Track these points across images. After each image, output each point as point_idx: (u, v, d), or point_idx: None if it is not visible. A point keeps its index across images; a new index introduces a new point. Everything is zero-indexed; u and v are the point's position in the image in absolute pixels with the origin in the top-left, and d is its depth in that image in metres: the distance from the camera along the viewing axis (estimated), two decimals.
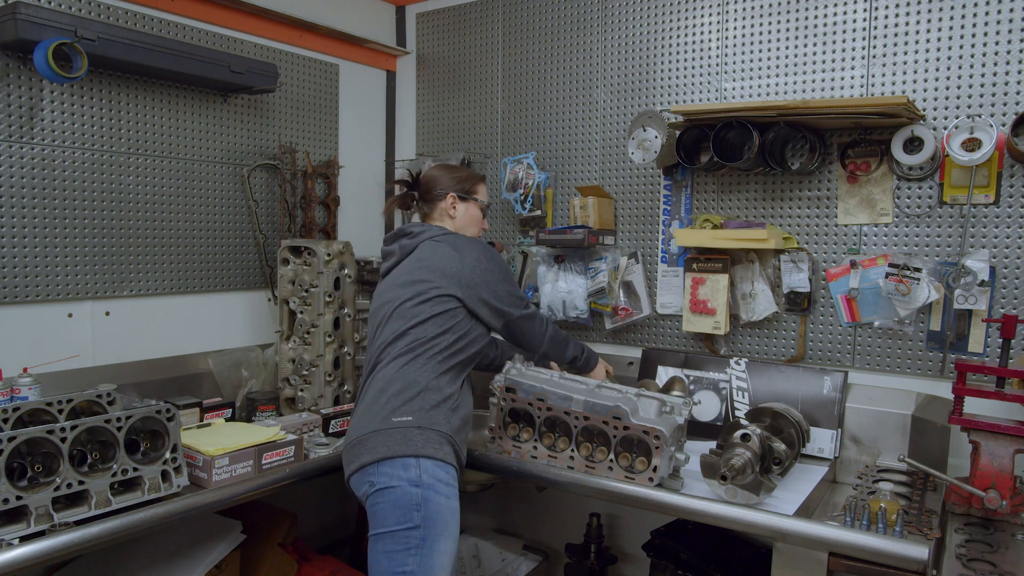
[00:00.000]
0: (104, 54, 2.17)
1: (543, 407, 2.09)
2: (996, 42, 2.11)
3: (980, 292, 2.10)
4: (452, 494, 1.90)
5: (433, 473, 1.87)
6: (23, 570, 1.51)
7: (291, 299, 2.66)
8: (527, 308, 2.19)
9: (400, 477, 1.85)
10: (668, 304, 2.69)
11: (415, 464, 1.86)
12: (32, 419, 1.82)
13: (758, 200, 2.51)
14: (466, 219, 2.26)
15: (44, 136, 2.25)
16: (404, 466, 1.86)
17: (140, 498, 1.78)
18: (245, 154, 2.82)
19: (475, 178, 2.29)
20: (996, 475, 1.77)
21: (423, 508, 1.83)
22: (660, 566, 2.41)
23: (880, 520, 1.70)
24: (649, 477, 1.92)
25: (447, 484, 1.89)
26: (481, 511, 3.18)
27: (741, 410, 2.39)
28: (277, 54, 2.89)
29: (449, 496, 1.88)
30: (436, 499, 1.84)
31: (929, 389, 2.23)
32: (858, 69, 2.32)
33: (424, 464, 1.86)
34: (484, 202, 2.30)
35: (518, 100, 3.05)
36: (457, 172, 2.28)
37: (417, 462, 1.86)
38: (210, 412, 2.37)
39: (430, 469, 1.87)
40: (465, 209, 2.25)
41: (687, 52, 2.62)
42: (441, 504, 1.85)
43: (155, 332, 2.56)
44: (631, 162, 2.69)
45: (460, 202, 2.24)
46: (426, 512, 1.83)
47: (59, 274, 2.29)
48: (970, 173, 2.09)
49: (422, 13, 3.32)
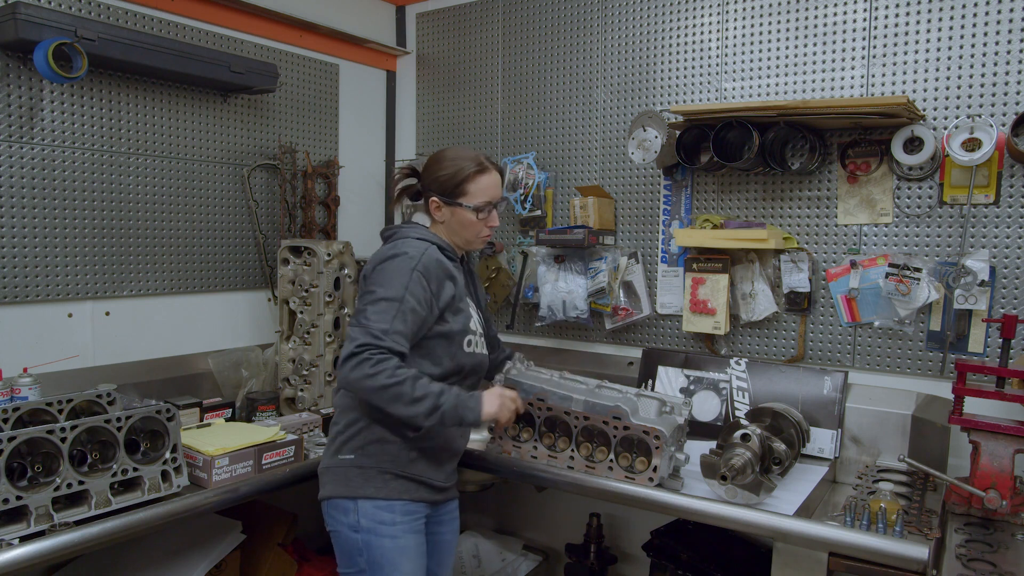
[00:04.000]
0: (104, 54, 2.17)
1: (543, 407, 2.09)
2: (996, 42, 2.11)
3: (980, 292, 2.10)
4: (400, 532, 1.81)
5: (373, 516, 1.80)
6: (23, 570, 1.51)
7: (291, 299, 2.66)
8: (361, 341, 1.70)
9: (341, 521, 1.83)
10: (668, 304, 2.69)
11: (353, 508, 1.81)
12: (32, 419, 1.82)
13: (758, 200, 2.51)
14: (455, 224, 1.94)
15: (44, 136, 2.25)
16: (344, 510, 1.82)
17: (140, 498, 1.78)
18: (245, 154, 2.82)
19: (465, 176, 1.91)
20: (996, 475, 1.77)
21: (365, 553, 1.80)
22: (660, 566, 2.42)
23: (880, 520, 1.70)
24: (649, 477, 1.92)
25: (391, 524, 1.81)
26: (481, 511, 3.18)
27: (741, 410, 2.39)
28: (277, 54, 2.89)
29: (396, 535, 1.81)
30: (378, 543, 1.79)
31: (929, 389, 2.23)
32: (858, 69, 2.32)
33: (363, 507, 1.80)
34: (473, 205, 1.91)
35: (518, 100, 3.05)
36: (445, 168, 1.92)
37: (355, 505, 1.81)
38: (210, 412, 2.37)
39: (369, 512, 1.80)
40: (451, 214, 1.93)
41: (687, 52, 2.62)
42: (385, 546, 1.79)
43: (155, 332, 2.56)
44: (631, 162, 2.68)
45: (444, 207, 1.93)
46: (369, 557, 1.80)
47: (59, 274, 2.29)
48: (970, 173, 2.09)
49: (422, 13, 3.32)
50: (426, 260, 1.82)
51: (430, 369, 1.86)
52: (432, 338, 1.86)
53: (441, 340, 1.88)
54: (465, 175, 1.91)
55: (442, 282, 1.85)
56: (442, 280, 1.85)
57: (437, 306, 1.84)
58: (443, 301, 1.85)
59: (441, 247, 1.92)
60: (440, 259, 1.87)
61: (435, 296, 1.83)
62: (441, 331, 1.87)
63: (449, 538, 2.08)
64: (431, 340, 1.86)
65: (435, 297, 1.83)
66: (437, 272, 1.84)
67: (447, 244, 1.95)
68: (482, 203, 1.93)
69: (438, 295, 1.84)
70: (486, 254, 3.06)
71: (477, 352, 1.98)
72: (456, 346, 1.90)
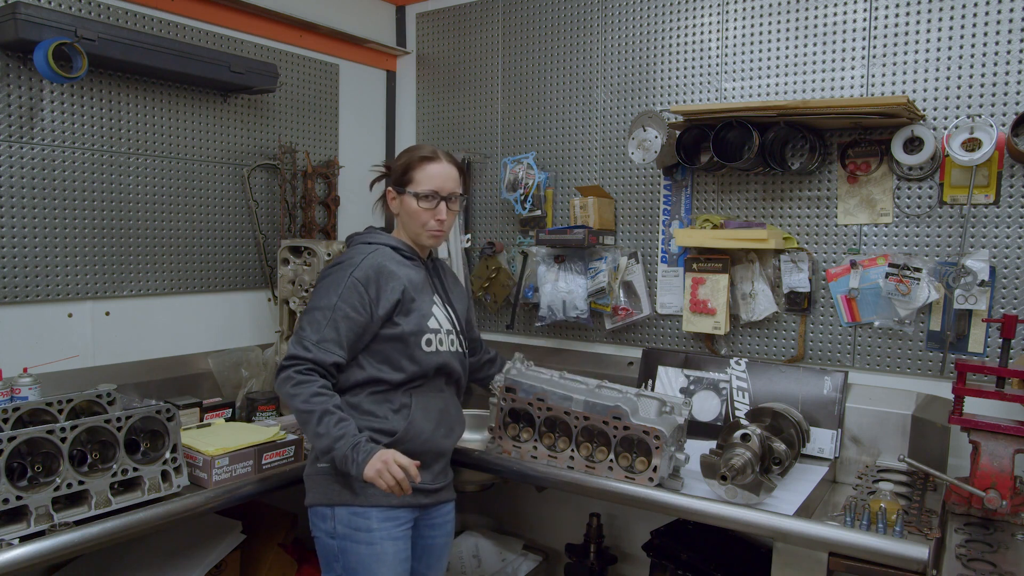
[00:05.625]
0: (104, 54, 2.17)
1: (543, 407, 2.09)
2: (996, 42, 2.11)
3: (980, 292, 2.10)
4: (377, 538, 1.82)
5: (349, 523, 1.82)
6: (23, 570, 1.51)
7: (291, 299, 2.66)
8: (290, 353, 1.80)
9: (320, 528, 1.85)
10: (668, 304, 2.69)
11: (331, 515, 1.84)
12: (32, 419, 1.82)
13: (758, 200, 2.51)
14: (404, 216, 1.96)
15: (44, 136, 2.25)
16: (322, 517, 1.85)
17: (140, 498, 1.78)
18: (245, 154, 2.82)
19: (411, 163, 1.92)
20: (996, 475, 1.77)
21: (341, 559, 1.82)
22: (660, 566, 2.42)
23: (880, 520, 1.70)
24: (649, 477, 1.92)
25: (367, 531, 1.82)
26: (481, 511, 3.18)
27: (741, 410, 2.39)
28: (277, 54, 2.89)
29: (372, 542, 1.81)
30: (355, 549, 1.81)
31: (929, 389, 2.23)
32: (858, 69, 2.32)
33: (339, 514, 1.83)
34: (416, 192, 1.90)
35: (518, 100, 3.05)
36: (400, 158, 1.98)
37: (332, 512, 1.83)
38: (210, 412, 2.37)
39: (345, 519, 1.82)
40: (401, 204, 1.95)
41: (687, 52, 2.62)
42: (362, 553, 1.81)
43: (155, 332, 2.56)
44: (631, 162, 2.68)
45: (397, 196, 1.95)
46: (344, 563, 1.82)
47: (59, 274, 2.29)
48: (970, 173, 2.09)
49: (422, 13, 3.32)
50: (366, 265, 1.84)
51: (392, 375, 1.87)
52: (385, 341, 1.87)
53: (395, 343, 1.88)
54: (412, 162, 1.92)
55: (384, 285, 1.85)
56: (385, 283, 1.86)
57: (379, 309, 1.84)
58: (387, 303, 1.85)
59: (396, 248, 1.94)
60: (383, 263, 1.87)
61: (375, 300, 1.84)
62: (392, 334, 1.87)
63: (441, 542, 2.05)
64: (384, 344, 1.88)
65: (375, 301, 1.84)
66: (378, 275, 1.85)
67: (403, 244, 1.97)
68: (426, 191, 1.90)
69: (378, 299, 1.84)
70: (486, 254, 3.06)
71: (442, 351, 1.95)
72: (413, 347, 1.89)
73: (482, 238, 3.13)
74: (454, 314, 2.04)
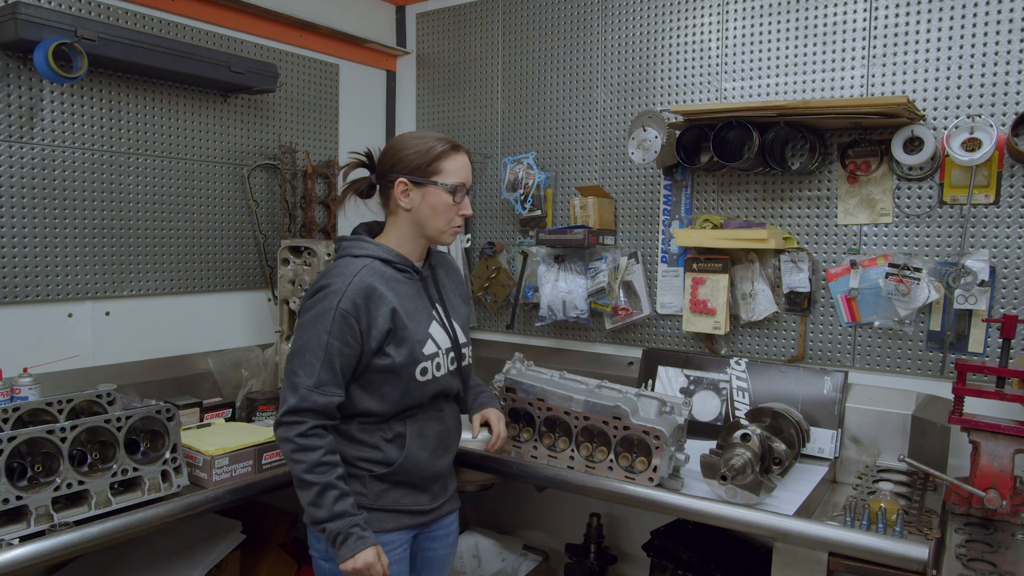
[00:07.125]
0: (104, 54, 2.17)
1: (543, 407, 2.09)
2: (996, 42, 2.11)
3: (980, 292, 2.10)
4: None
5: None
6: (23, 570, 1.51)
7: (291, 299, 2.66)
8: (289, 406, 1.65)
9: (315, 547, 1.81)
10: (668, 304, 2.69)
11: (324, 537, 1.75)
12: (32, 419, 1.83)
13: (758, 200, 2.51)
14: (425, 210, 1.75)
15: (44, 136, 2.25)
16: (317, 537, 1.77)
17: (140, 498, 1.79)
18: (245, 154, 2.82)
19: (439, 153, 1.73)
20: (996, 475, 1.77)
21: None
22: (660, 566, 2.42)
23: (880, 520, 1.70)
24: (649, 477, 1.92)
25: None
26: (481, 511, 3.18)
27: (741, 410, 2.39)
28: (277, 54, 2.89)
29: None
30: None
31: (929, 389, 2.23)
32: (858, 69, 2.32)
33: None
34: (451, 184, 1.73)
35: (518, 100, 3.05)
36: (414, 146, 1.74)
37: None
38: (210, 412, 2.37)
39: None
40: (422, 197, 1.74)
41: (687, 52, 2.62)
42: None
43: (155, 332, 2.56)
44: (631, 162, 2.69)
45: (414, 188, 1.74)
46: None
47: (59, 274, 2.29)
48: (970, 173, 2.09)
49: (422, 13, 3.32)
50: (351, 292, 1.67)
51: (380, 408, 1.74)
52: (376, 372, 1.73)
53: (387, 375, 1.73)
54: (439, 152, 1.73)
55: (375, 311, 1.69)
56: (375, 308, 1.69)
57: (370, 341, 1.70)
58: (378, 332, 1.70)
59: (387, 260, 1.76)
60: (371, 284, 1.70)
61: (366, 331, 1.69)
62: (383, 365, 1.72)
63: (442, 554, 1.96)
64: (375, 375, 1.73)
65: (366, 332, 1.69)
66: (367, 301, 1.69)
67: (396, 255, 1.78)
68: (457, 183, 1.75)
69: (369, 328, 1.69)
70: (486, 254, 3.06)
71: (439, 376, 1.80)
72: (407, 379, 1.74)
73: (482, 238, 3.13)
74: (454, 331, 1.86)
